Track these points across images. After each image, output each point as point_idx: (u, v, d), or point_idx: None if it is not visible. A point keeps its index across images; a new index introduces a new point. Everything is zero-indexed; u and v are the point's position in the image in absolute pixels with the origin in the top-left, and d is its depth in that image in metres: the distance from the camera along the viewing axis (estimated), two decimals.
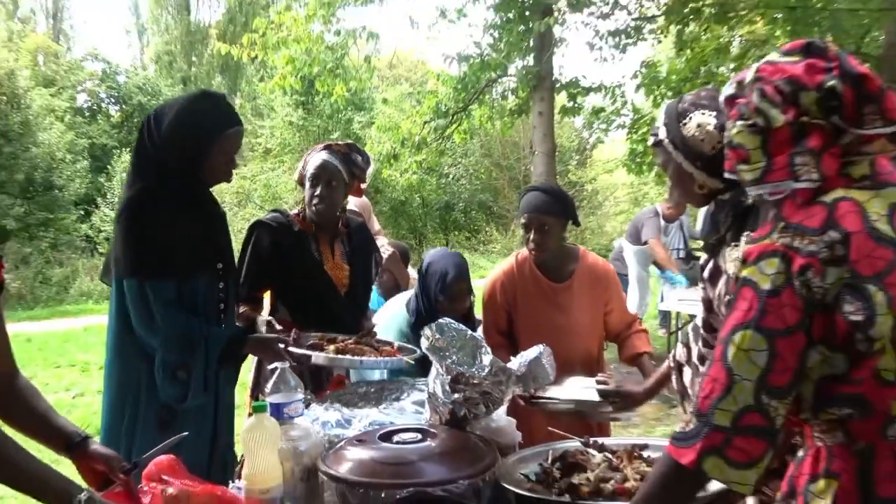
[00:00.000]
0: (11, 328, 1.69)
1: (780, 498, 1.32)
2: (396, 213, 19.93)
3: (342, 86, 9.64)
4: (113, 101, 22.28)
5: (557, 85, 9.28)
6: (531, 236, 2.62)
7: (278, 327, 2.50)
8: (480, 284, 3.00)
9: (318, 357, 2.28)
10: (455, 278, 2.70)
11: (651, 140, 1.91)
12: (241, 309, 2.60)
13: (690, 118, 1.79)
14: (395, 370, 2.63)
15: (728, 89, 1.30)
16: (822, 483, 1.21)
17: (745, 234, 1.29)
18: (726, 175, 1.33)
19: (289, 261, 2.63)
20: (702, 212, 8.88)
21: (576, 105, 9.63)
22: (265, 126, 21.49)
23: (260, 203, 17.65)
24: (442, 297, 2.70)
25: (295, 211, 2.77)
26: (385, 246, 3.86)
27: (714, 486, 1.47)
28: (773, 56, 1.26)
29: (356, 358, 2.33)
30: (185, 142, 2.17)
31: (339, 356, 2.32)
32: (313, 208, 2.67)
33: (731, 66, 9.90)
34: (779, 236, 1.17)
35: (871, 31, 9.62)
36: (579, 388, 2.30)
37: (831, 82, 1.17)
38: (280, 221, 2.69)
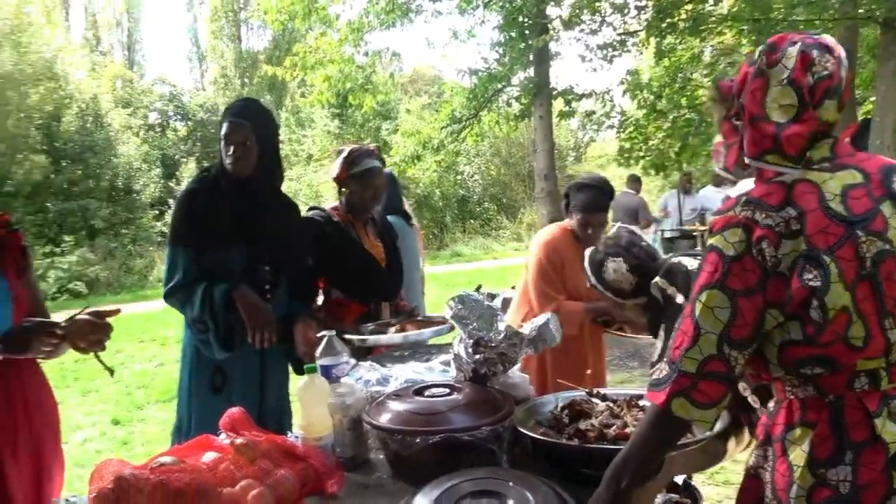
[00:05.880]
0: None
1: (758, 445, 1.28)
2: (420, 206, 19.87)
3: (371, 99, 9.66)
4: (179, 118, 22.36)
5: (554, 92, 9.21)
6: (590, 231, 2.70)
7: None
8: (495, 265, 2.97)
9: (378, 339, 2.35)
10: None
11: (588, 285, 2.00)
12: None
13: (606, 266, 1.88)
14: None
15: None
16: (798, 431, 1.17)
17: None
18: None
19: (339, 247, 2.62)
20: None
21: (570, 109, 9.57)
22: (307, 135, 21.50)
23: (305, 200, 17.68)
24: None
25: (332, 205, 2.75)
26: None
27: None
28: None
29: (407, 333, 2.37)
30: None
31: (399, 334, 2.37)
32: (373, 204, 2.77)
33: (704, 72, 9.73)
34: (741, 209, 1.13)
35: None
36: None
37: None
38: (323, 217, 2.67)
